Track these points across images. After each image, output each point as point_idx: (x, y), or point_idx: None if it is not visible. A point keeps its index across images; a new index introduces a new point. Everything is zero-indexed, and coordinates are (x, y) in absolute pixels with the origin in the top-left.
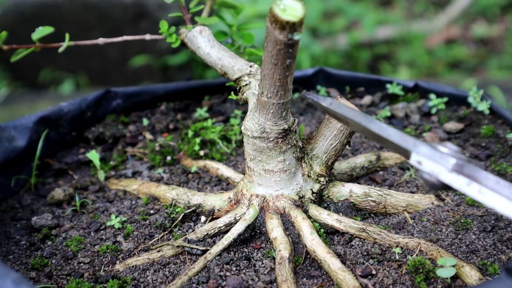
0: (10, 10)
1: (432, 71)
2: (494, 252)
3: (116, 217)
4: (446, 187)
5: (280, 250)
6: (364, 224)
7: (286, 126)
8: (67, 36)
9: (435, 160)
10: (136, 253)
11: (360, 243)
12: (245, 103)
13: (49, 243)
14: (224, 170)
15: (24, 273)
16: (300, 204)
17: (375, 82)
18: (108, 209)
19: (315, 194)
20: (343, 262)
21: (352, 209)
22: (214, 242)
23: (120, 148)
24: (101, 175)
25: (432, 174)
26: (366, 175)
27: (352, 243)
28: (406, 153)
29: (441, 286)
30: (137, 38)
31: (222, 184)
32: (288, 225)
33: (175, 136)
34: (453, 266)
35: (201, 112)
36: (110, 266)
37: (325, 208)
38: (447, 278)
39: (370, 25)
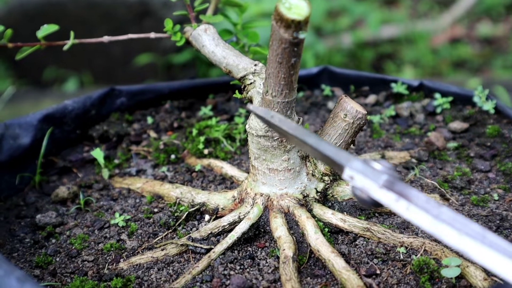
0: (14, 9)
1: (437, 70)
2: None
3: (120, 215)
4: (377, 204)
5: (284, 249)
6: (369, 223)
7: None
8: (71, 34)
9: (367, 175)
10: (140, 252)
11: (365, 242)
12: (250, 101)
13: (53, 241)
14: (228, 169)
15: (28, 270)
16: (304, 203)
17: (379, 81)
18: (112, 207)
19: (319, 193)
20: (347, 262)
21: (356, 209)
22: (218, 241)
23: (124, 146)
24: (105, 173)
25: (363, 189)
26: None
27: (357, 242)
28: (340, 168)
29: (446, 286)
30: (142, 36)
31: (226, 182)
32: (292, 224)
33: (179, 134)
34: (458, 266)
35: (205, 110)
36: (114, 265)
37: (329, 207)
38: (451, 278)
39: (375, 24)
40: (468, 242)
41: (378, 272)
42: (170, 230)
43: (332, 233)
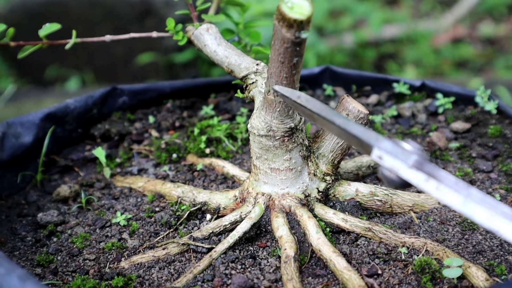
0: (17, 7)
1: (439, 70)
2: (501, 253)
3: (122, 214)
4: (404, 184)
5: (285, 249)
6: (370, 223)
7: (292, 125)
8: (73, 33)
9: (396, 155)
10: (141, 251)
11: (366, 242)
12: (252, 101)
13: (55, 239)
14: (230, 168)
15: (30, 269)
16: (306, 203)
17: (381, 81)
18: (114, 206)
19: (321, 193)
20: (349, 262)
21: (358, 208)
22: (220, 240)
23: (126, 146)
24: (107, 172)
25: (392, 169)
26: (372, 174)
27: (358, 242)
28: (368, 148)
29: (447, 287)
30: (144, 35)
31: (228, 182)
32: (293, 224)
33: (181, 133)
34: (460, 266)
35: (207, 110)
36: (115, 263)
37: (331, 207)
38: (453, 278)
39: (376, 24)
40: (501, 221)
41: (379, 272)
42: (171, 229)
43: (334, 233)
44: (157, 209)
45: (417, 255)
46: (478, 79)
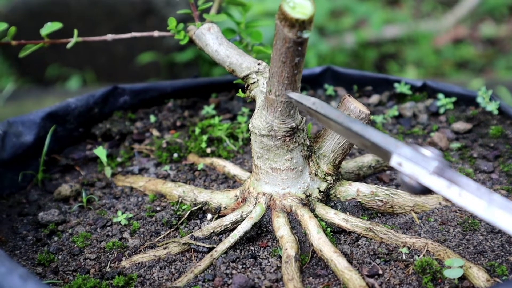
0: (18, 6)
1: (440, 70)
2: (502, 253)
3: (123, 213)
4: (425, 191)
5: (286, 249)
6: (371, 223)
7: (293, 125)
8: (75, 32)
9: (416, 162)
10: (142, 250)
11: (367, 242)
12: (253, 101)
13: (56, 238)
14: (231, 168)
15: (31, 268)
16: (307, 202)
17: (383, 81)
18: (115, 206)
19: (322, 193)
20: (350, 262)
21: (359, 209)
22: (220, 240)
23: (127, 145)
24: (108, 171)
25: (412, 176)
26: (373, 175)
27: (359, 242)
28: (386, 155)
29: (448, 287)
30: (146, 34)
31: (229, 182)
32: (294, 224)
33: (182, 133)
34: (461, 267)
35: (208, 109)
36: (116, 263)
37: (332, 207)
38: (454, 279)
39: (378, 24)
40: None
41: (380, 272)
42: (172, 229)
43: (335, 233)
44: (158, 208)
45: (418, 256)
46: (479, 80)
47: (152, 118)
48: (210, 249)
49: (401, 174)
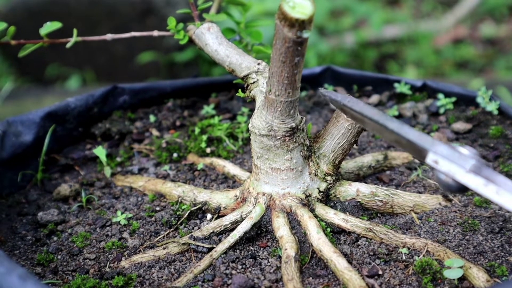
0: (18, 6)
1: (439, 70)
2: (502, 253)
3: (122, 213)
4: (461, 189)
5: (286, 249)
6: (371, 223)
7: (293, 124)
8: (75, 31)
9: (453, 160)
10: (142, 250)
11: (367, 243)
12: (253, 100)
13: (55, 238)
14: (230, 168)
15: (30, 268)
16: (307, 203)
17: (383, 81)
18: (114, 206)
19: (322, 193)
20: (350, 262)
21: (359, 209)
22: (220, 240)
23: (127, 145)
24: (107, 171)
25: (448, 174)
26: (373, 175)
27: (359, 242)
28: (422, 153)
29: (448, 287)
30: (145, 34)
31: (229, 182)
32: (294, 224)
33: (181, 133)
34: (460, 267)
35: (208, 109)
36: (116, 263)
37: (331, 207)
38: (454, 279)
39: (378, 24)
40: None
41: (380, 272)
42: (172, 229)
43: (334, 233)
44: (157, 208)
45: (418, 256)
46: (479, 80)
47: (152, 118)
48: (210, 249)
49: (437, 172)
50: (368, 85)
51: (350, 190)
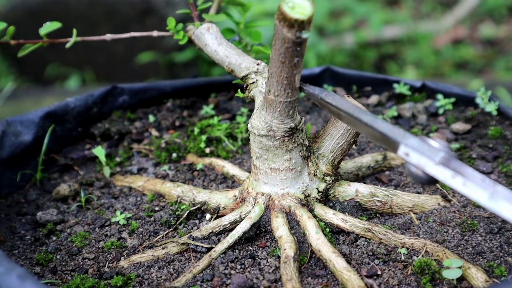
0: (17, 6)
1: (439, 71)
2: (501, 254)
3: (121, 213)
4: (431, 180)
5: (285, 249)
6: (370, 224)
7: (292, 125)
8: (74, 31)
9: (423, 152)
10: (141, 250)
11: (366, 243)
12: (252, 101)
13: (54, 238)
14: (229, 168)
15: (29, 268)
16: (306, 203)
17: (382, 82)
18: (113, 205)
19: (321, 193)
20: (348, 262)
21: (358, 209)
22: (219, 240)
23: (126, 145)
24: (107, 171)
25: (418, 166)
26: (372, 175)
27: (358, 243)
28: (394, 145)
29: None
30: (145, 34)
31: (228, 182)
32: (293, 224)
33: (181, 133)
34: (459, 267)
35: (207, 109)
36: (115, 263)
37: (330, 207)
38: (453, 279)
39: (377, 24)
40: None
41: (379, 273)
42: (171, 229)
43: (333, 233)
44: (156, 208)
45: (417, 256)
46: (478, 80)
47: (151, 118)
48: (209, 249)
49: (408, 164)
50: (367, 85)
51: (349, 190)
